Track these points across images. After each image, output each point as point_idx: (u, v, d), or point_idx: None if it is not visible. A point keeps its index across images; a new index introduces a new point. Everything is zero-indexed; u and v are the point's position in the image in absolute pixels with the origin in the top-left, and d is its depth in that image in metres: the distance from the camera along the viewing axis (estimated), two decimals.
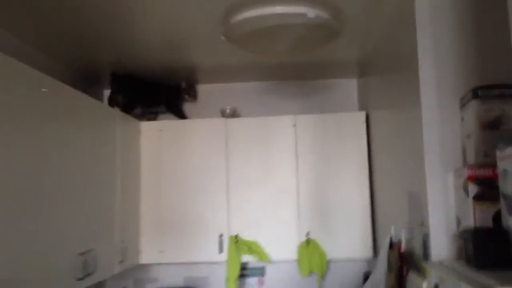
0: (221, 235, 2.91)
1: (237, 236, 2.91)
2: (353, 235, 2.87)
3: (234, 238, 2.91)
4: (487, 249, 1.33)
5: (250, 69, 3.07)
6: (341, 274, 3.16)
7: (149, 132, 3.06)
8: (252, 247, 2.90)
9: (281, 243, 2.91)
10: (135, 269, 3.16)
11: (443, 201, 1.68)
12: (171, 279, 3.22)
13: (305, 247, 2.87)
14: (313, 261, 2.86)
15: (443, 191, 1.69)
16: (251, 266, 3.16)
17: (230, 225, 2.93)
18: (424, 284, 1.63)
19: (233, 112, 3.21)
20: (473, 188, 1.50)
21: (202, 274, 3.22)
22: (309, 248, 2.87)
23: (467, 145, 1.61)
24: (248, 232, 2.92)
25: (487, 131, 1.54)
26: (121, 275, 3.11)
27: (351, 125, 2.96)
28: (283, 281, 3.18)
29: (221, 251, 2.90)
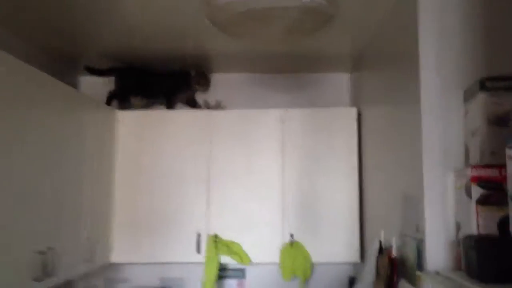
0: (200, 234, 2.73)
1: (216, 235, 2.73)
2: (339, 238, 2.70)
3: (213, 237, 2.72)
4: (493, 260, 1.16)
5: (236, 59, 2.89)
6: (325, 278, 2.99)
7: (126, 122, 2.86)
8: (232, 248, 2.72)
9: (263, 245, 2.73)
10: (107, 268, 2.96)
11: (441, 204, 1.52)
12: (145, 279, 3.02)
13: (289, 249, 2.70)
14: (296, 264, 2.69)
15: (441, 193, 1.53)
16: (231, 267, 2.97)
17: (209, 224, 2.75)
18: None
19: (218, 103, 3.02)
20: (477, 190, 1.33)
21: (178, 274, 3.02)
22: (292, 250, 2.70)
23: (471, 142, 1.45)
24: (228, 231, 2.74)
25: (495, 127, 1.37)
26: (92, 274, 2.91)
27: (342, 121, 2.79)
28: (265, 284, 3.00)
29: (198, 251, 2.72)
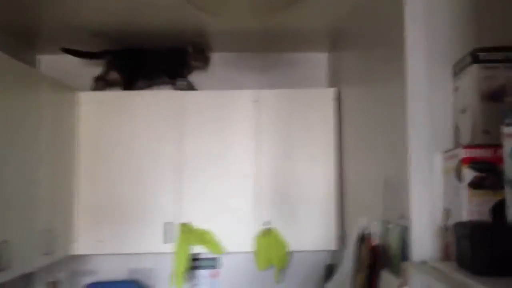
0: (170, 222, 2.57)
1: (187, 224, 2.58)
2: (317, 224, 2.59)
3: (184, 226, 2.57)
4: (489, 250, 1.04)
5: (208, 37, 2.71)
6: (301, 266, 2.87)
7: (88, 103, 2.65)
8: (204, 237, 2.58)
9: (237, 232, 2.59)
10: (71, 260, 2.78)
11: (428, 188, 1.39)
12: (113, 271, 2.86)
13: (264, 237, 2.57)
14: (272, 253, 2.56)
15: (428, 176, 1.40)
16: (203, 257, 2.83)
17: (180, 211, 2.59)
18: None
19: (189, 84, 2.83)
20: (469, 173, 1.21)
21: (147, 265, 2.87)
22: (268, 238, 2.57)
23: (461, 121, 1.32)
24: (200, 219, 2.59)
25: (488, 103, 1.24)
26: (54, 267, 2.72)
27: (319, 102, 2.65)
28: (239, 274, 2.87)
29: (169, 241, 2.56)
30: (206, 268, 2.84)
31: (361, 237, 1.92)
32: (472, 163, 1.20)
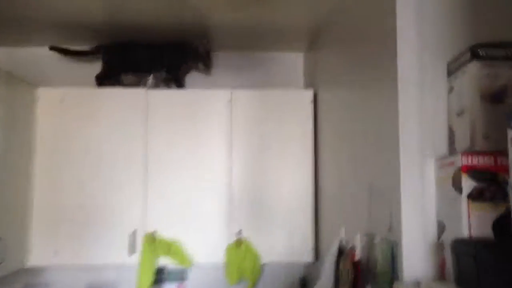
0: (134, 232, 2.37)
1: (154, 233, 2.38)
2: (292, 235, 2.43)
3: (150, 236, 2.38)
4: (497, 271, 0.90)
5: (178, 31, 2.53)
6: (275, 279, 2.71)
7: (47, 101, 2.44)
8: (171, 248, 2.39)
9: (207, 243, 2.41)
10: (24, 273, 2.53)
11: (419, 199, 1.26)
12: (70, 285, 2.62)
13: (236, 248, 2.40)
14: (243, 265, 2.39)
15: (419, 185, 1.26)
16: (170, 269, 2.63)
17: (145, 220, 2.40)
18: None
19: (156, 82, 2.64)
20: (469, 183, 1.08)
21: (110, 278, 2.65)
22: (240, 249, 2.40)
23: (458, 123, 1.19)
24: (167, 229, 2.40)
25: (488, 104, 1.12)
26: (6, 280, 2.47)
27: (296, 104, 2.51)
28: (209, 287, 2.68)
29: (133, 252, 2.36)
30: (173, 281, 2.63)
31: (341, 250, 1.78)
32: (472, 172, 1.07)
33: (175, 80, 2.65)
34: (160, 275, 2.57)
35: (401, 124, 1.27)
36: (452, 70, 1.23)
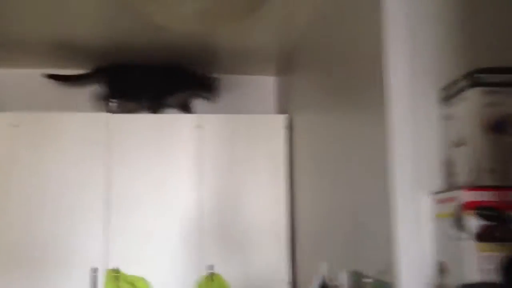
0: (95, 269, 2.20)
1: (117, 270, 2.22)
2: (266, 268, 2.31)
3: (112, 273, 2.22)
4: None
5: (140, 51, 2.40)
6: None
7: (1, 125, 2.27)
8: (136, 285, 2.23)
9: (176, 279, 2.26)
10: None
11: (415, 237, 1.15)
12: None
13: (207, 284, 2.25)
14: None
15: (414, 221, 1.16)
16: None
17: (107, 256, 2.23)
18: None
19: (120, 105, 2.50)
20: (475, 221, 0.98)
21: None
22: (211, 285, 2.25)
23: (457, 155, 1.10)
24: (132, 265, 2.24)
25: (492, 135, 1.03)
26: None
27: (269, 130, 2.43)
28: None
29: None
30: None
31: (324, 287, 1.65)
32: (478, 209, 0.97)
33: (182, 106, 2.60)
34: None
35: (393, 156, 1.17)
36: (448, 97, 1.14)
